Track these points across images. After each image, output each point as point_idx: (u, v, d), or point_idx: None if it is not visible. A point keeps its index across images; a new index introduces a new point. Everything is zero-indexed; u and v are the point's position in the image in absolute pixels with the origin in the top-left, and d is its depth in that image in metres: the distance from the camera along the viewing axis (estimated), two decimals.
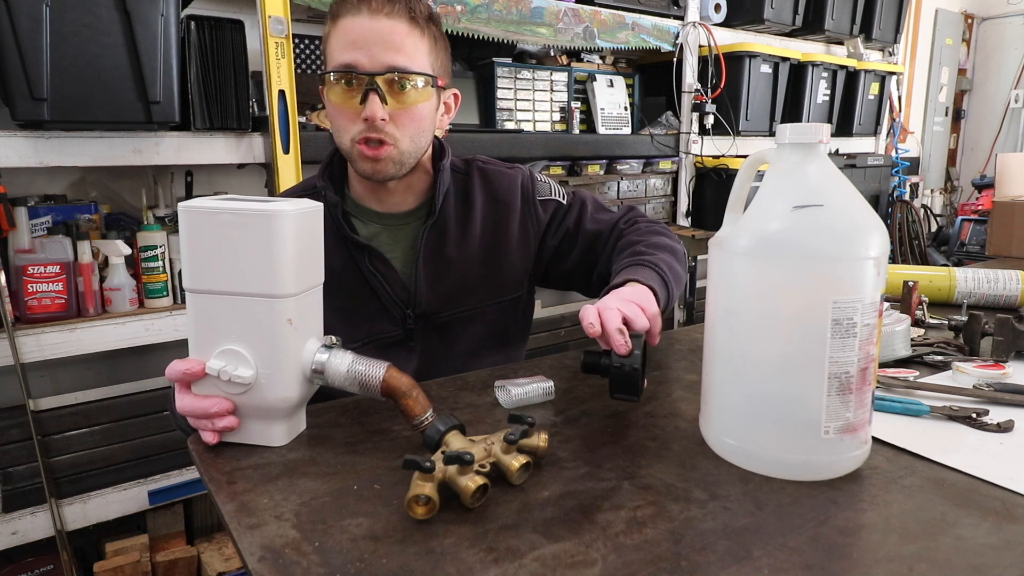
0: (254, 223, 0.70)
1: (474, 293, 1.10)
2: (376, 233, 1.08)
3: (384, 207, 1.08)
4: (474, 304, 1.10)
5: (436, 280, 1.07)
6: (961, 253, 3.91)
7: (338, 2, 0.97)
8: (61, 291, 1.57)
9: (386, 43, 0.94)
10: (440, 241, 1.07)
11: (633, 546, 0.56)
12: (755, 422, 0.68)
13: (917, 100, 4.70)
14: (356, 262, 1.04)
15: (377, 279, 1.04)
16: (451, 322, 1.09)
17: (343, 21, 0.95)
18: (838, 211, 0.65)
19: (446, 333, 1.10)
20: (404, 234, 1.08)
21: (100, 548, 1.76)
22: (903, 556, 0.54)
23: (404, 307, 1.06)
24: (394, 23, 0.94)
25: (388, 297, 1.05)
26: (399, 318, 1.06)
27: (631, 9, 2.54)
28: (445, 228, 1.08)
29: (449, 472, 0.62)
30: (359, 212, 1.08)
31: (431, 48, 0.99)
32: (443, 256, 1.07)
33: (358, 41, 0.94)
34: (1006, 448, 0.74)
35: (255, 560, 0.55)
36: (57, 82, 1.42)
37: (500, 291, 1.12)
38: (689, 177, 2.82)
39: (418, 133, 1.00)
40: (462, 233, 1.09)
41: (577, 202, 1.16)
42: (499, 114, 2.44)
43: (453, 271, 1.08)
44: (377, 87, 0.93)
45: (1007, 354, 1.02)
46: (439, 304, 1.08)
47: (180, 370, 0.72)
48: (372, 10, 0.93)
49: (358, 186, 1.08)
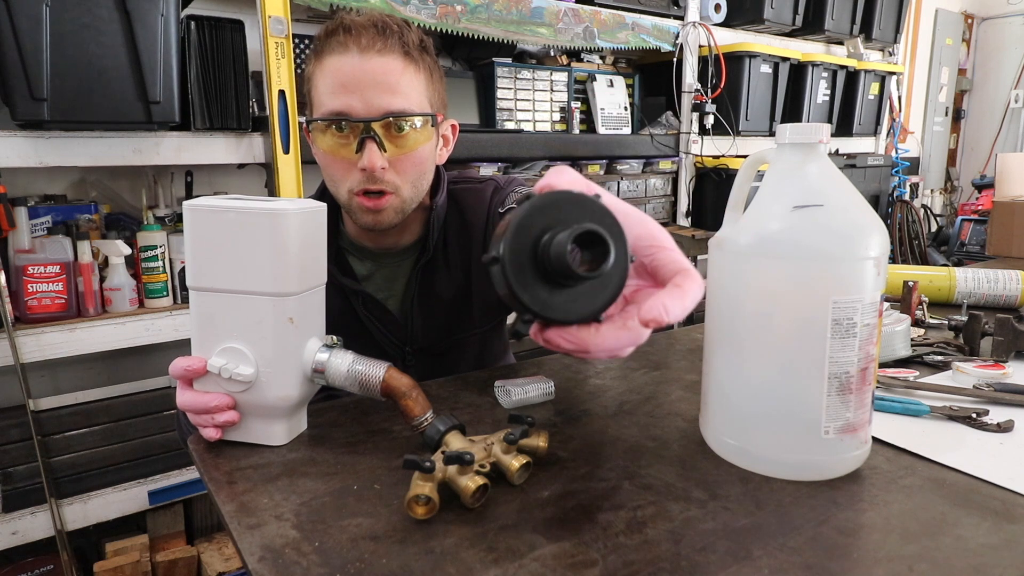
0: (257, 222, 0.70)
1: (461, 323, 1.08)
2: (371, 272, 1.05)
3: (379, 245, 1.04)
4: (461, 333, 1.08)
5: (429, 317, 1.05)
6: (961, 253, 3.91)
7: (322, 38, 0.88)
8: (61, 291, 1.57)
9: (380, 84, 0.86)
10: (430, 278, 1.04)
11: (633, 546, 0.56)
12: (755, 422, 0.68)
13: (917, 100, 4.70)
14: (352, 305, 1.02)
15: (372, 323, 1.02)
16: (445, 351, 1.08)
17: (330, 60, 0.87)
18: (838, 211, 0.65)
19: (441, 361, 1.08)
20: (399, 272, 1.05)
21: (100, 548, 1.76)
22: (903, 556, 0.54)
23: (402, 345, 1.04)
24: (387, 61, 0.86)
25: (384, 339, 1.03)
26: (398, 356, 1.04)
27: (631, 9, 2.54)
28: (434, 264, 1.04)
29: (449, 472, 0.62)
30: (354, 250, 1.04)
31: (427, 82, 0.92)
32: (433, 292, 1.04)
33: (349, 84, 0.85)
34: (1006, 448, 0.74)
35: (255, 560, 0.55)
36: (57, 82, 1.42)
37: (482, 320, 1.09)
38: (689, 177, 2.82)
39: (419, 177, 0.94)
40: (445, 267, 1.05)
41: None
42: (499, 114, 2.44)
43: (443, 307, 1.06)
44: (374, 134, 0.86)
45: (1007, 354, 1.02)
46: (434, 338, 1.06)
47: (182, 367, 0.72)
48: (362, 48, 0.85)
49: (353, 226, 1.03)
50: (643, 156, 2.70)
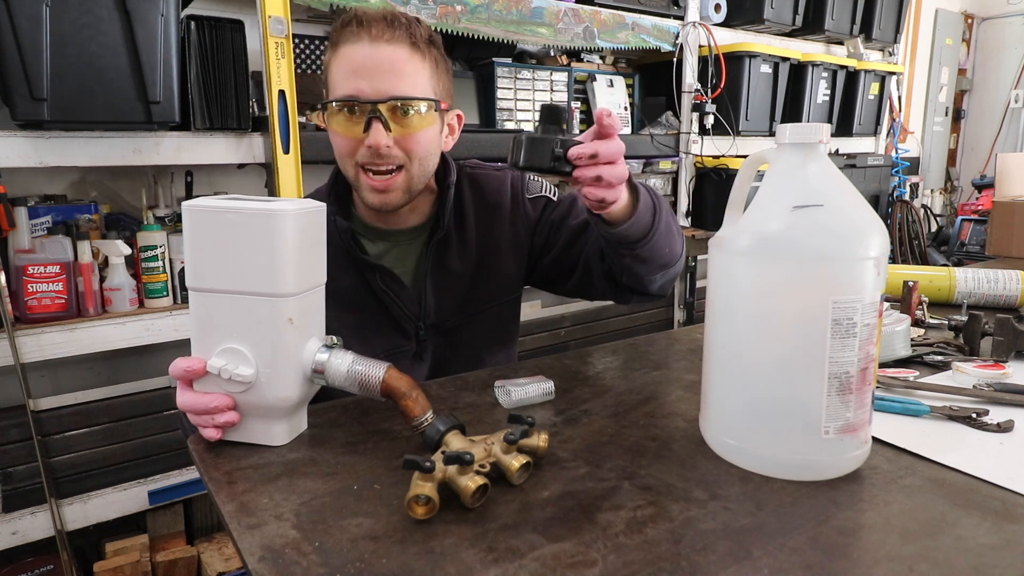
0: (256, 222, 0.70)
1: (476, 299, 1.11)
2: (385, 251, 1.09)
3: (390, 226, 1.09)
4: (476, 309, 1.12)
5: (443, 292, 1.09)
6: (961, 253, 3.91)
7: (338, 29, 0.96)
8: (61, 291, 1.57)
9: (387, 70, 0.93)
10: (443, 254, 1.09)
11: (633, 546, 0.56)
12: (755, 422, 0.68)
13: (917, 100, 4.70)
14: (367, 281, 1.05)
15: (389, 296, 1.05)
16: (457, 327, 1.11)
17: (344, 49, 0.95)
18: (838, 211, 0.65)
19: (453, 338, 1.11)
20: (411, 249, 1.10)
21: (100, 548, 1.76)
22: (903, 556, 0.54)
23: (416, 320, 1.08)
24: (395, 49, 0.94)
25: (400, 313, 1.07)
26: (412, 331, 1.08)
27: (631, 9, 2.54)
28: (447, 241, 1.09)
29: (449, 472, 0.62)
30: (366, 232, 1.09)
31: (432, 72, 0.99)
32: (447, 268, 1.09)
33: (360, 70, 0.93)
34: (1006, 448, 0.74)
35: (255, 560, 0.55)
36: (57, 82, 1.42)
37: (498, 293, 1.13)
38: (689, 177, 2.82)
39: (424, 157, 1.00)
40: (460, 243, 1.10)
41: (568, 199, 1.15)
42: (499, 114, 2.44)
43: (457, 281, 1.09)
44: (380, 115, 0.93)
45: (1007, 354, 1.02)
46: (446, 313, 1.10)
47: (182, 368, 0.73)
48: (372, 37, 0.93)
49: (365, 208, 1.08)
50: (643, 156, 2.70)
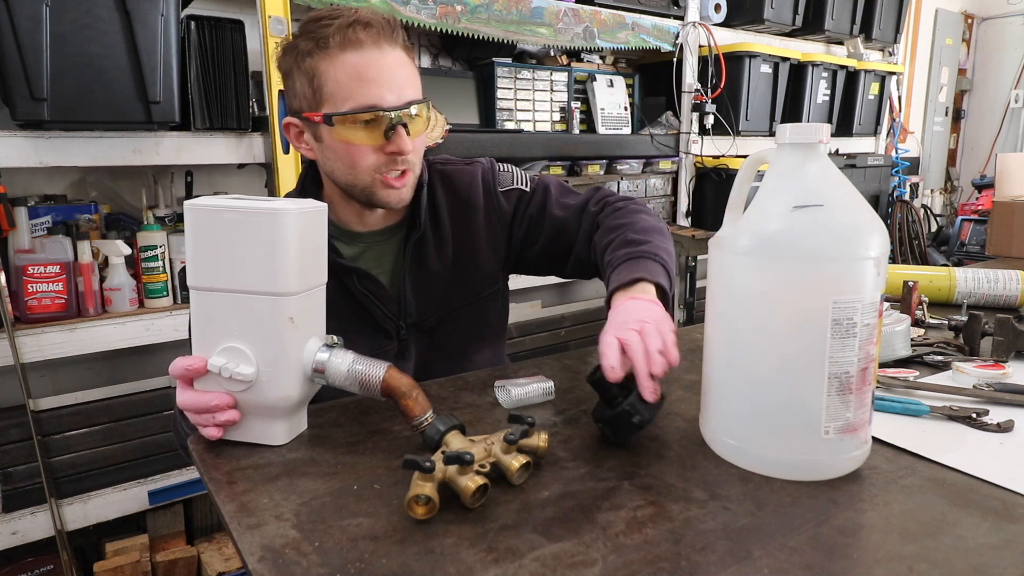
0: (258, 221, 0.70)
1: (455, 295, 1.11)
2: (360, 252, 1.07)
3: (366, 227, 1.07)
4: (456, 305, 1.11)
5: (421, 290, 1.08)
6: (961, 253, 3.91)
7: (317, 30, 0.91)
8: (61, 291, 1.57)
9: (400, 76, 0.93)
10: (421, 253, 1.07)
11: (633, 546, 0.56)
12: (755, 422, 0.68)
13: (917, 100, 4.70)
14: (346, 284, 1.03)
15: (368, 298, 1.04)
16: (438, 325, 1.10)
17: (345, 55, 0.90)
18: (838, 211, 0.65)
19: (435, 336, 1.11)
20: (387, 249, 1.08)
21: (100, 548, 1.76)
22: (903, 556, 0.54)
23: (396, 320, 1.07)
24: (397, 54, 0.94)
25: (381, 314, 1.05)
26: (393, 331, 1.07)
27: (631, 9, 2.54)
28: (423, 239, 1.07)
29: (449, 472, 0.62)
30: (340, 235, 1.06)
31: (418, 71, 1.00)
32: (425, 267, 1.08)
33: (377, 78, 0.91)
34: (1006, 448, 0.74)
35: (255, 560, 0.55)
36: (57, 82, 1.42)
37: (477, 288, 1.13)
38: (689, 177, 2.82)
39: (422, 153, 1.02)
40: (437, 240, 1.09)
41: (540, 187, 1.14)
42: (499, 114, 2.44)
43: (435, 279, 1.09)
44: (403, 121, 0.93)
45: (1007, 354, 1.02)
46: (427, 311, 1.09)
47: (182, 367, 0.72)
48: (374, 43, 0.91)
49: (340, 210, 1.05)
50: (643, 156, 2.70)
